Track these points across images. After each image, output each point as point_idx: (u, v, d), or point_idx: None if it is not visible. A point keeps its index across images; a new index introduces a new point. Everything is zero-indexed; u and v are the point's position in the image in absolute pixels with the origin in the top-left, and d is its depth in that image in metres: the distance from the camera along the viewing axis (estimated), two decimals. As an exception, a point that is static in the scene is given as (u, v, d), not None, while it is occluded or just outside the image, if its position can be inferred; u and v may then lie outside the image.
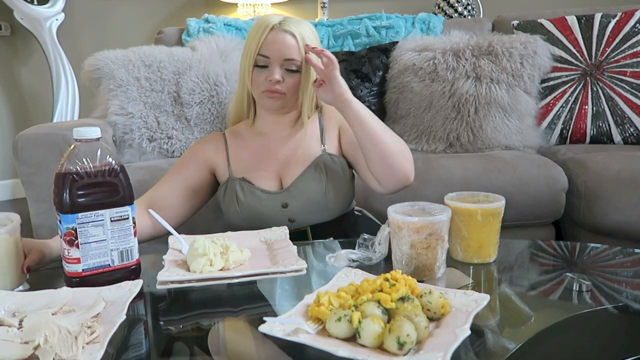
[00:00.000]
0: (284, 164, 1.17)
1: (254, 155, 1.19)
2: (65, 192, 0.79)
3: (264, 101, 1.14)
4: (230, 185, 1.16)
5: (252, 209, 1.13)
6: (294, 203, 1.13)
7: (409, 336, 0.57)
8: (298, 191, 1.13)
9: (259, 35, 1.09)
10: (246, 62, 1.12)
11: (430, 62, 1.83)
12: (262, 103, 1.15)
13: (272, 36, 1.09)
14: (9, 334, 0.62)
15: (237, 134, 1.23)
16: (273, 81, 1.09)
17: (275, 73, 1.09)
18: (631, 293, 0.81)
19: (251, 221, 1.13)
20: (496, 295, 0.80)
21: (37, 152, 1.44)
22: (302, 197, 1.13)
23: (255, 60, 1.10)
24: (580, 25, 1.92)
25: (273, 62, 1.09)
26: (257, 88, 1.12)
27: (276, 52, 1.09)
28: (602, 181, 1.46)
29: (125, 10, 3.16)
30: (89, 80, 1.80)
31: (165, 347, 0.68)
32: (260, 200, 1.13)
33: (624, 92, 1.81)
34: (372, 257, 0.90)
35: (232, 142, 1.22)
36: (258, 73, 1.11)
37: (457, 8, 2.69)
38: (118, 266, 0.84)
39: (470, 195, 0.96)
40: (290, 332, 0.62)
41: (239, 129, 1.24)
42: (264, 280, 0.84)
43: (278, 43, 1.09)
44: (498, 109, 1.77)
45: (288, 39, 1.09)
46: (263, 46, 1.09)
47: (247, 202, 1.14)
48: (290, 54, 1.09)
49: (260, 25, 1.10)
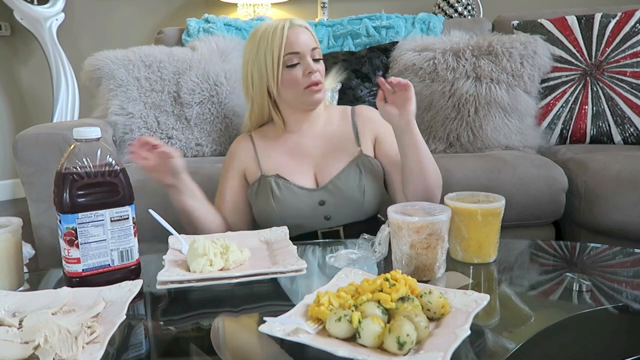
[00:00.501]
0: (318, 161, 1.17)
1: (285, 154, 1.19)
2: (65, 192, 0.79)
3: (308, 98, 1.14)
4: (263, 182, 1.16)
5: (288, 205, 1.13)
6: (331, 200, 1.13)
7: (409, 336, 0.57)
8: (336, 189, 1.13)
9: (278, 39, 1.11)
10: (270, 68, 1.13)
11: (430, 62, 1.83)
12: (306, 100, 1.15)
13: (292, 33, 1.12)
14: (9, 334, 0.62)
15: (265, 135, 1.24)
16: (312, 71, 1.12)
17: (311, 64, 1.12)
18: (631, 293, 0.81)
19: (286, 218, 1.13)
20: (496, 295, 0.80)
21: (37, 152, 1.44)
22: (340, 195, 1.13)
23: (284, 61, 1.11)
24: (580, 25, 1.92)
25: (304, 56, 1.12)
26: (296, 87, 1.13)
27: (303, 45, 1.12)
28: (602, 181, 1.46)
29: (125, 10, 3.16)
30: (89, 80, 1.80)
31: (165, 347, 0.68)
32: (297, 197, 1.14)
33: (624, 92, 1.81)
34: (372, 257, 0.90)
35: (261, 144, 1.22)
36: (291, 72, 1.12)
37: (457, 8, 2.69)
38: (118, 266, 0.84)
39: (470, 195, 0.96)
40: (290, 332, 0.62)
41: (266, 131, 1.25)
42: (275, 280, 0.84)
43: (301, 37, 1.12)
44: (498, 109, 1.77)
45: (305, 32, 1.14)
46: (288, 45, 1.11)
47: (284, 198, 1.13)
48: (314, 44, 1.14)
49: (275, 30, 1.12)
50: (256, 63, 1.15)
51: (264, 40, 1.13)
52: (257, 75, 1.16)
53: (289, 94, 1.15)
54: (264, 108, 1.20)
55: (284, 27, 1.11)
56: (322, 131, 1.21)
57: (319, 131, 1.21)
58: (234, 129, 1.84)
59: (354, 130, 1.21)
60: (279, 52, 1.11)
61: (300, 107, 1.18)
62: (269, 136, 1.23)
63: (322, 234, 1.15)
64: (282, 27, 1.11)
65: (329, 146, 1.18)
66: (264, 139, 1.23)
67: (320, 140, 1.20)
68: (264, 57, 1.13)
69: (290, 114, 1.20)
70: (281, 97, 1.17)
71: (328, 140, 1.19)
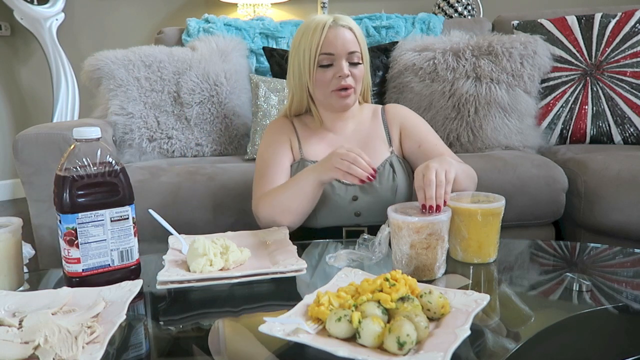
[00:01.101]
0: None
1: (323, 146, 1.20)
2: (65, 192, 0.79)
3: (333, 101, 1.14)
4: (302, 165, 1.17)
5: (323, 194, 1.13)
6: (364, 198, 1.14)
7: (409, 336, 0.57)
8: (371, 187, 1.14)
9: (317, 36, 1.10)
10: (307, 65, 1.12)
11: (430, 62, 1.83)
12: (331, 103, 1.15)
13: (332, 33, 1.10)
14: (9, 334, 0.62)
15: (304, 124, 1.24)
16: (343, 76, 1.11)
17: (343, 68, 1.11)
18: (631, 293, 0.81)
19: (319, 207, 1.12)
20: (496, 295, 0.80)
21: (37, 152, 1.44)
22: (374, 193, 1.14)
23: (318, 60, 1.11)
24: (580, 25, 1.92)
25: (338, 58, 1.11)
26: (325, 88, 1.13)
27: (340, 47, 1.11)
28: (602, 181, 1.46)
29: (125, 10, 3.16)
30: (89, 80, 1.80)
31: (165, 347, 0.68)
32: (333, 188, 1.14)
33: (624, 92, 1.81)
34: (372, 257, 0.90)
35: (301, 130, 1.23)
36: (323, 73, 1.12)
37: (457, 8, 2.69)
38: (118, 266, 0.84)
39: (470, 195, 0.96)
40: (290, 332, 0.62)
41: (305, 120, 1.25)
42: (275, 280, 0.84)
43: (340, 38, 1.11)
44: (498, 109, 1.77)
45: (347, 33, 1.12)
46: (325, 45, 1.10)
47: None
48: (353, 47, 1.12)
49: (317, 26, 1.11)
50: (296, 57, 1.15)
51: (306, 35, 1.12)
52: (297, 69, 1.16)
53: (319, 93, 1.15)
54: (303, 101, 1.21)
55: (325, 25, 1.10)
56: (356, 131, 1.22)
57: (353, 131, 1.22)
58: (234, 129, 1.84)
59: (385, 130, 1.23)
60: (315, 50, 1.10)
61: (329, 109, 1.18)
62: (309, 126, 1.24)
63: (347, 233, 1.16)
64: (323, 25, 1.10)
65: (362, 146, 1.19)
66: (304, 127, 1.23)
67: (354, 140, 1.21)
68: (302, 52, 1.13)
69: (325, 112, 1.21)
70: (314, 95, 1.17)
71: (362, 140, 1.21)
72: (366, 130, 1.22)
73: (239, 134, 1.85)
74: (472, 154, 1.71)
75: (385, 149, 1.20)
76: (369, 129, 1.23)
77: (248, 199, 1.18)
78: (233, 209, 1.45)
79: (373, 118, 1.25)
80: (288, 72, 1.21)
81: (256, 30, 2.08)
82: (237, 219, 1.45)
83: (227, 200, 1.44)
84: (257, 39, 2.08)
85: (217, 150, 1.83)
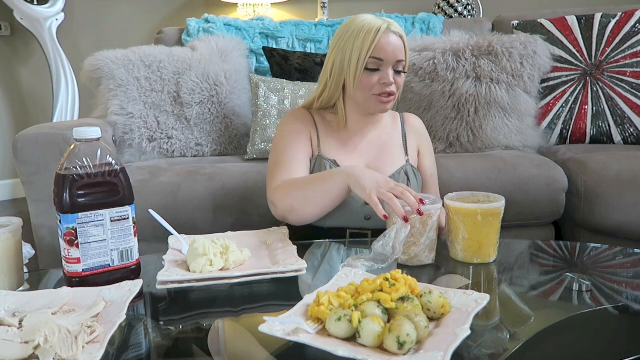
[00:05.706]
0: (369, 164, 1.18)
1: (342, 148, 1.19)
2: (65, 192, 0.79)
3: (372, 104, 1.14)
4: (319, 162, 1.16)
5: None
6: None
7: (409, 336, 0.57)
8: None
9: (370, 39, 1.09)
10: (353, 65, 1.11)
11: (430, 62, 1.83)
12: (369, 106, 1.14)
13: (385, 39, 1.09)
14: (9, 334, 0.62)
15: (325, 120, 1.23)
16: (388, 83, 1.10)
17: (390, 75, 1.10)
18: (631, 293, 0.81)
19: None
20: (496, 295, 0.80)
21: (37, 152, 1.44)
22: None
23: (367, 63, 1.10)
24: (580, 25, 1.92)
25: (386, 65, 1.10)
26: (367, 91, 1.12)
27: (390, 54, 1.10)
28: (602, 181, 1.46)
29: (125, 10, 3.16)
30: (89, 80, 1.80)
31: (165, 347, 0.68)
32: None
33: (624, 92, 1.81)
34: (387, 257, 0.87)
35: (320, 123, 1.21)
36: (368, 76, 1.11)
37: (457, 8, 2.69)
38: (118, 266, 0.84)
39: (470, 195, 0.96)
40: (290, 332, 0.62)
41: (326, 116, 1.24)
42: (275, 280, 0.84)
43: (392, 45, 1.10)
44: (498, 109, 1.77)
45: (398, 41, 1.11)
46: (376, 49, 1.09)
47: None
48: (401, 55, 1.11)
49: (370, 29, 1.09)
50: (341, 53, 1.13)
51: (356, 35, 1.11)
52: (338, 65, 1.15)
53: (360, 95, 1.14)
54: (334, 98, 1.20)
55: (379, 30, 1.09)
56: (376, 136, 1.22)
57: (374, 135, 1.22)
58: (234, 129, 1.84)
59: (403, 139, 1.24)
60: (366, 53, 1.09)
61: (365, 111, 1.18)
62: (330, 123, 1.22)
63: (350, 235, 1.15)
64: (377, 29, 1.09)
65: (381, 151, 1.20)
66: (325, 123, 1.22)
67: (375, 144, 1.21)
68: (350, 51, 1.11)
69: (354, 113, 1.20)
70: (353, 95, 1.16)
71: (381, 145, 1.21)
72: (386, 136, 1.22)
73: (239, 134, 1.85)
74: (472, 154, 1.71)
75: (402, 157, 1.21)
76: (389, 135, 1.23)
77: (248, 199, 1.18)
78: (233, 209, 1.45)
79: (392, 124, 1.25)
80: (325, 66, 1.19)
81: (256, 30, 2.09)
82: (237, 219, 1.45)
83: (227, 200, 1.44)
84: (257, 39, 2.08)
85: (217, 150, 1.83)
